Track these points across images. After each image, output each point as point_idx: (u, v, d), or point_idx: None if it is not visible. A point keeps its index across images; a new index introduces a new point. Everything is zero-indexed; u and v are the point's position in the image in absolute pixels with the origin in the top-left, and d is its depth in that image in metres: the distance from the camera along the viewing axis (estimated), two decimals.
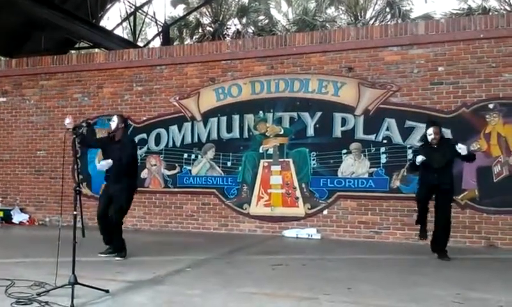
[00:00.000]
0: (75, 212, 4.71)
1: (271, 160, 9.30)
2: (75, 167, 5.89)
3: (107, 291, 4.68)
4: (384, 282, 5.47)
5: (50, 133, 10.93)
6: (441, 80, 8.35)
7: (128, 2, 17.85)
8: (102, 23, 18.49)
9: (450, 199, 6.88)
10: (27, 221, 10.75)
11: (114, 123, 6.97)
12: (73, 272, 4.49)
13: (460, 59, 8.27)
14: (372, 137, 8.68)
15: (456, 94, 8.26)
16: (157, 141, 10.07)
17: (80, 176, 10.06)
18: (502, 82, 8.04)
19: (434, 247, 6.88)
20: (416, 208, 7.14)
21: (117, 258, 6.83)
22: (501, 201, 7.89)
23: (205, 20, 25.09)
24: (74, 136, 5.40)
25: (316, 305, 4.51)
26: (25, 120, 11.19)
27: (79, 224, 4.68)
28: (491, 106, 8.06)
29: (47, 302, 4.26)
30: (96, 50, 16.69)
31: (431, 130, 6.80)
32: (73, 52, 17.53)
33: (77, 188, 4.80)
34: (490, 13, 18.66)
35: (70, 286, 4.35)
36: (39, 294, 4.50)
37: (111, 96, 10.50)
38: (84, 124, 6.45)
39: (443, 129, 8.14)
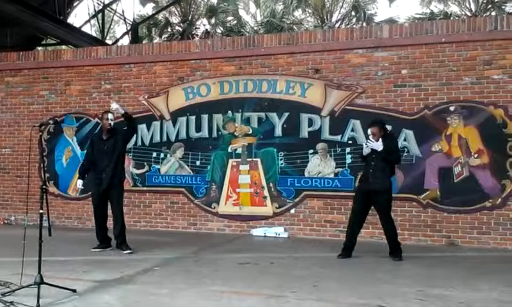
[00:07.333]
0: (41, 211, 4.67)
1: (239, 160, 9.37)
2: (42, 165, 5.85)
3: (74, 290, 4.67)
4: (349, 279, 5.61)
5: (15, 131, 10.72)
6: (405, 83, 8.56)
7: None
8: (70, 20, 18.19)
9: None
10: None
11: (112, 121, 7.17)
12: (39, 272, 4.46)
13: (423, 62, 8.49)
14: (337, 137, 8.84)
15: (419, 97, 8.48)
16: None
17: (47, 174, 9.95)
18: (462, 85, 8.29)
19: None
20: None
21: (127, 251, 6.98)
22: (461, 201, 8.14)
23: (174, 20, 25.05)
24: (40, 134, 5.39)
25: (284, 302, 4.60)
26: None
27: (45, 223, 4.64)
28: (452, 108, 8.30)
29: (12, 302, 4.22)
30: (64, 47, 16.44)
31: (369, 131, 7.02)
32: (39, 48, 17.22)
33: (44, 186, 4.76)
34: (451, 18, 19.20)
35: (36, 285, 4.32)
36: (4, 294, 4.45)
37: (78, 94, 10.37)
38: (51, 121, 6.44)
39: (406, 130, 8.43)
